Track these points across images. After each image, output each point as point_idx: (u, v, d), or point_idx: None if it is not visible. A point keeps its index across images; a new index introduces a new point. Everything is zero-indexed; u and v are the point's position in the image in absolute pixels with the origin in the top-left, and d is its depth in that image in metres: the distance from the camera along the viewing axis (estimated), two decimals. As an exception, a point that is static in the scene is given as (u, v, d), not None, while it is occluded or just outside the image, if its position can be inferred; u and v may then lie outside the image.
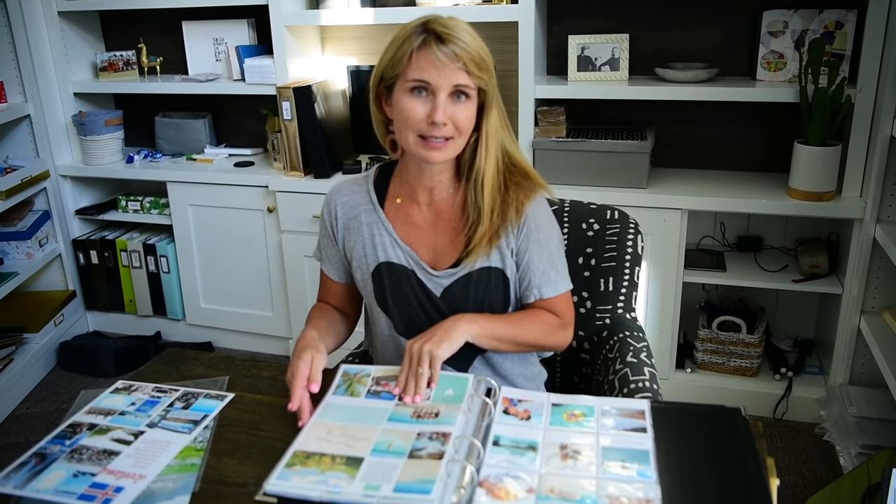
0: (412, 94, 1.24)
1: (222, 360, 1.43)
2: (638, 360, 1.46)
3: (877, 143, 2.17)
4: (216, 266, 3.01)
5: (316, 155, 2.69)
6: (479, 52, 1.24)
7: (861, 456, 2.09)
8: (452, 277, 1.36)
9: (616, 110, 2.68)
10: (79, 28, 3.11)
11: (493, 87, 1.29)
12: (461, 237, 1.36)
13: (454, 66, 1.22)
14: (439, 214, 1.39)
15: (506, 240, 1.36)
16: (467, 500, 0.95)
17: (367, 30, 2.90)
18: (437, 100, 1.23)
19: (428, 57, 1.22)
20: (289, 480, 1.01)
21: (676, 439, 1.07)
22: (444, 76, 1.22)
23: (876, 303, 2.30)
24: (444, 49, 1.21)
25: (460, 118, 1.25)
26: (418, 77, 1.23)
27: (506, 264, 1.36)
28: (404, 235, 1.38)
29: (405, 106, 1.25)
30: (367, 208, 1.41)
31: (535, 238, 1.36)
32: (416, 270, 1.37)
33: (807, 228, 2.57)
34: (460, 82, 1.23)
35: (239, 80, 2.91)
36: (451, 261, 1.37)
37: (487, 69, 1.26)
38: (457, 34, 1.22)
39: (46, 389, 2.88)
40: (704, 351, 2.55)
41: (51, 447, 1.13)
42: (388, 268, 1.38)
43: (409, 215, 1.40)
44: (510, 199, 1.34)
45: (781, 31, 2.37)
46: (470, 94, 1.25)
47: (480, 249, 1.33)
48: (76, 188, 3.16)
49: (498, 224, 1.34)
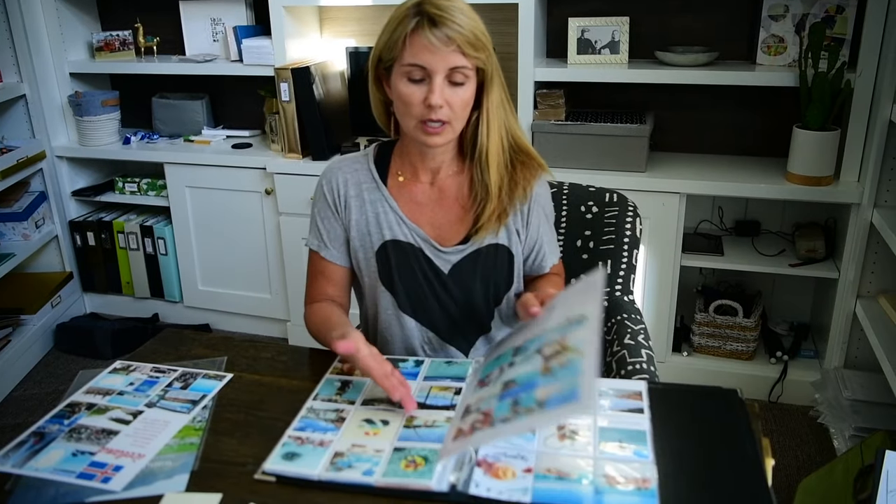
0: (408, 79, 1.24)
1: (221, 340, 1.43)
2: (635, 343, 1.47)
3: (875, 128, 2.17)
4: (214, 248, 3.00)
5: (314, 136, 2.68)
6: (475, 32, 1.22)
7: (855, 438, 2.11)
8: (461, 254, 1.37)
9: (615, 93, 2.67)
10: (75, 7, 3.08)
11: (493, 64, 1.28)
12: (469, 215, 1.37)
13: (448, 49, 1.20)
14: (443, 192, 1.39)
15: (513, 218, 1.38)
16: (465, 479, 0.96)
17: (365, 11, 2.88)
18: (434, 83, 1.22)
19: (421, 41, 1.20)
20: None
21: (673, 420, 1.08)
22: (438, 59, 1.21)
23: (872, 287, 2.31)
24: (437, 32, 1.19)
25: (456, 101, 1.24)
26: (413, 62, 1.22)
27: (511, 241, 1.39)
28: (409, 213, 1.38)
29: (402, 91, 1.25)
30: (369, 186, 1.40)
31: (544, 213, 1.43)
32: (423, 248, 1.37)
33: (804, 213, 2.58)
34: (456, 64, 1.22)
35: (237, 60, 2.90)
36: (457, 238, 1.37)
37: (484, 48, 1.24)
38: (451, 15, 1.20)
39: (43, 371, 2.88)
40: (701, 334, 2.56)
41: (49, 426, 1.14)
42: (394, 245, 1.37)
43: (412, 193, 1.39)
44: (518, 177, 1.37)
45: (782, 14, 2.36)
46: (468, 74, 1.24)
47: (490, 226, 1.35)
48: (72, 169, 3.15)
49: (506, 202, 1.36)
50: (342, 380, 1.23)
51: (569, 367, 0.93)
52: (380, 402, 1.14)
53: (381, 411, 1.12)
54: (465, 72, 1.23)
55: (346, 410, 1.13)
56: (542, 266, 1.44)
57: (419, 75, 1.23)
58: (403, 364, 1.26)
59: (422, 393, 1.16)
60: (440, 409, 1.11)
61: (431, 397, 1.15)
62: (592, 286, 1.05)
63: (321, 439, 1.06)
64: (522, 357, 1.06)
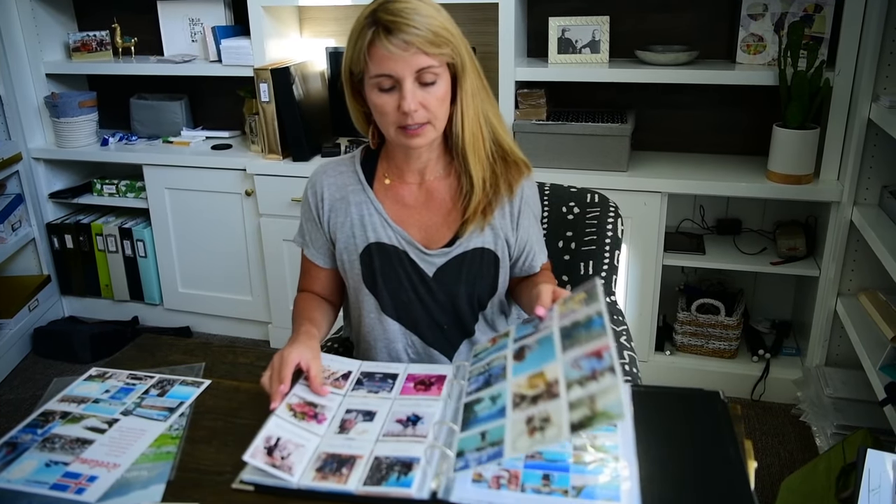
0: (379, 89, 1.23)
1: (199, 346, 1.41)
2: (617, 344, 1.46)
3: (854, 127, 2.18)
4: (194, 250, 2.97)
5: (294, 137, 2.66)
6: (433, 29, 1.19)
7: (837, 436, 2.12)
8: (446, 257, 1.36)
9: (596, 93, 2.67)
10: (50, 7, 3.04)
11: (463, 54, 1.25)
12: (455, 214, 1.36)
13: (409, 54, 1.18)
14: (431, 194, 1.38)
15: (500, 220, 1.37)
16: (446, 486, 0.95)
17: (345, 10, 2.86)
18: (404, 89, 1.20)
19: (381, 52, 1.19)
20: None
21: (656, 423, 1.08)
22: (402, 65, 1.19)
23: (852, 285, 2.32)
24: (393, 40, 1.17)
25: (431, 100, 1.23)
26: (378, 72, 1.21)
27: (497, 245, 1.37)
28: (394, 215, 1.37)
29: (376, 102, 1.24)
30: (355, 188, 1.39)
31: (533, 214, 1.42)
32: (408, 250, 1.36)
33: (785, 211, 2.59)
34: (421, 66, 1.20)
35: (216, 61, 2.87)
36: (443, 240, 1.36)
37: (447, 42, 1.22)
38: (405, 18, 1.17)
39: (21, 376, 2.84)
40: (683, 333, 2.57)
41: (22, 436, 1.11)
42: (378, 248, 1.36)
43: (399, 195, 1.38)
44: (499, 171, 1.35)
45: (761, 13, 2.37)
46: (437, 72, 1.22)
47: (475, 220, 1.34)
48: (49, 171, 3.11)
49: (491, 195, 1.35)
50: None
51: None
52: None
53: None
54: (434, 70, 1.22)
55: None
56: (532, 266, 1.43)
57: (388, 84, 1.22)
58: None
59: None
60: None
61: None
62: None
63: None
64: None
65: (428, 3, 1.23)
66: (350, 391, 1.18)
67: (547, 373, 0.99)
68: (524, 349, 1.09)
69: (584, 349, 0.96)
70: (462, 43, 1.26)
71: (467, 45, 1.28)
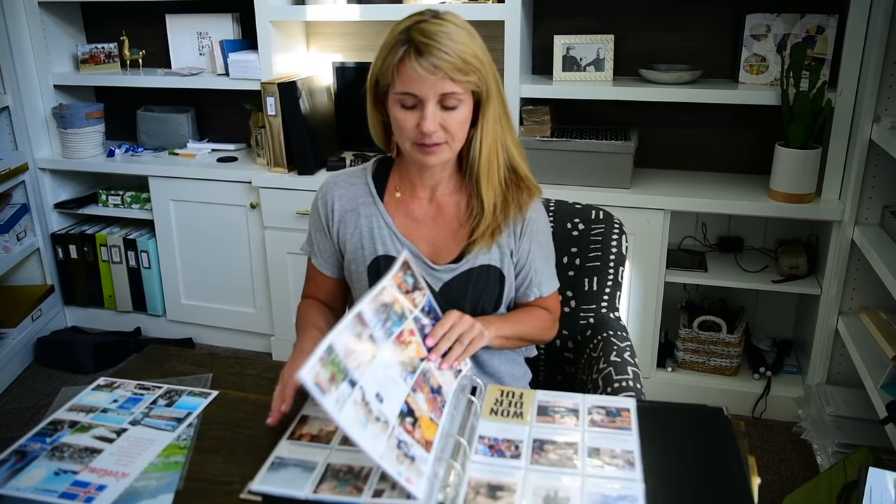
0: (402, 105, 1.24)
1: (206, 357, 1.42)
2: (622, 360, 1.47)
3: (856, 147, 2.20)
4: (198, 262, 2.98)
5: (300, 151, 2.68)
6: (463, 56, 1.20)
7: (838, 454, 2.12)
8: (453, 273, 1.37)
9: (600, 110, 2.69)
10: (59, 19, 3.07)
11: (490, 82, 1.27)
12: (464, 231, 1.37)
13: (436, 77, 1.20)
14: (441, 210, 1.39)
15: (507, 239, 1.38)
16: (453, 498, 0.96)
17: (352, 26, 2.89)
18: (426, 110, 1.22)
19: (409, 72, 1.20)
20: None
21: (661, 438, 1.08)
22: (427, 87, 1.20)
23: (853, 304, 2.33)
24: (423, 62, 1.18)
25: (451, 124, 1.24)
26: (404, 90, 1.22)
27: (503, 263, 1.38)
28: (404, 229, 1.38)
29: (397, 116, 1.25)
30: (366, 201, 1.40)
31: (537, 240, 1.41)
32: (415, 265, 1.37)
33: (787, 230, 2.60)
34: (446, 91, 1.21)
35: (223, 74, 2.89)
36: (451, 256, 1.38)
37: (475, 70, 1.23)
38: (437, 42, 1.18)
39: (23, 386, 2.84)
40: (685, 350, 2.58)
41: (31, 445, 1.12)
42: (386, 261, 1.37)
43: (409, 209, 1.39)
44: (511, 196, 1.36)
45: (764, 34, 2.39)
46: (460, 98, 1.23)
47: (482, 241, 1.35)
48: (55, 182, 3.13)
49: (501, 219, 1.36)
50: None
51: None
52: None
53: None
54: (458, 96, 1.23)
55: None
56: (526, 294, 1.43)
57: (411, 102, 1.23)
58: None
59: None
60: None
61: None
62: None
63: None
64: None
65: (462, 27, 1.24)
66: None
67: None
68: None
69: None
70: (490, 70, 1.27)
71: (495, 71, 1.29)
